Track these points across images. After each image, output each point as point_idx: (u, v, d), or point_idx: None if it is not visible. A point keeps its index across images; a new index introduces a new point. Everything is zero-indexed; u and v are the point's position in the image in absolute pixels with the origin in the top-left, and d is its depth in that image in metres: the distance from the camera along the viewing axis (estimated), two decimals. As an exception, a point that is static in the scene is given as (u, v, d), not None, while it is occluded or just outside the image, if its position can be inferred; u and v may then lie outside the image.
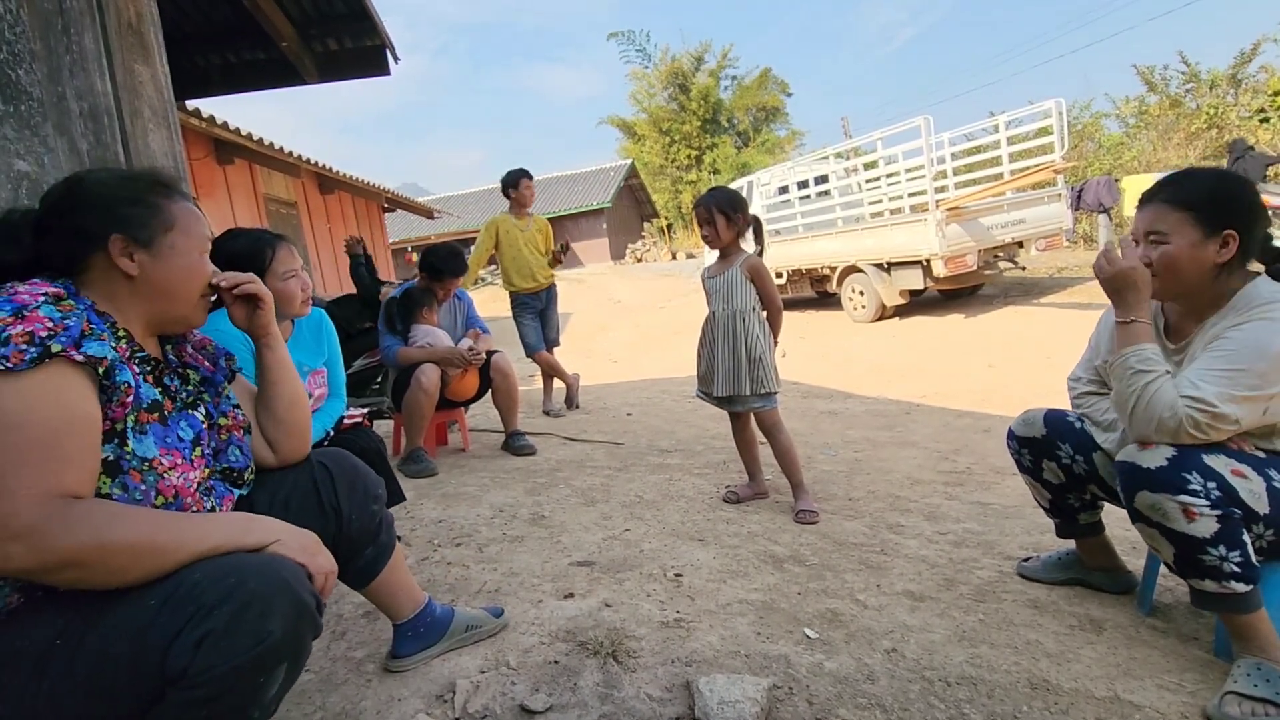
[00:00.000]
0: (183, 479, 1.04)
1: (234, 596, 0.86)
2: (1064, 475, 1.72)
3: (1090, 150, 15.44)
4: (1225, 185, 1.45)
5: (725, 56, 27.07)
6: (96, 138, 2.35)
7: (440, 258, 3.50)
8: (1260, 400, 1.31)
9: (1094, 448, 1.66)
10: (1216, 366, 1.34)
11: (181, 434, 1.08)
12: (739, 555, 2.10)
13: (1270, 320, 1.33)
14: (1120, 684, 1.39)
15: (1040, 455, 1.75)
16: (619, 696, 1.38)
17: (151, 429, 1.02)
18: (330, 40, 4.56)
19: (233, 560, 0.92)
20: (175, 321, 1.14)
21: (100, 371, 0.94)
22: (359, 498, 1.33)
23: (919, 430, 3.96)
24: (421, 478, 3.15)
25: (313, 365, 1.93)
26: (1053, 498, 1.79)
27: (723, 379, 2.56)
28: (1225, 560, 1.31)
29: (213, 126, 6.75)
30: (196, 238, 1.13)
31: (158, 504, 0.99)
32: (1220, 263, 1.40)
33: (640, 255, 23.42)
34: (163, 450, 1.02)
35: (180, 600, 0.86)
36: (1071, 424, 1.71)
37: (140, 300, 1.08)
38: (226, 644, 0.84)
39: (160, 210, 1.08)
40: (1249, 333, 1.34)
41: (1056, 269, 10.03)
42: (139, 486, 0.97)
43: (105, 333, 0.98)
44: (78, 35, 2.25)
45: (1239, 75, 13.88)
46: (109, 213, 1.04)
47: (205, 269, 1.15)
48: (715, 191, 2.62)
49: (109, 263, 1.04)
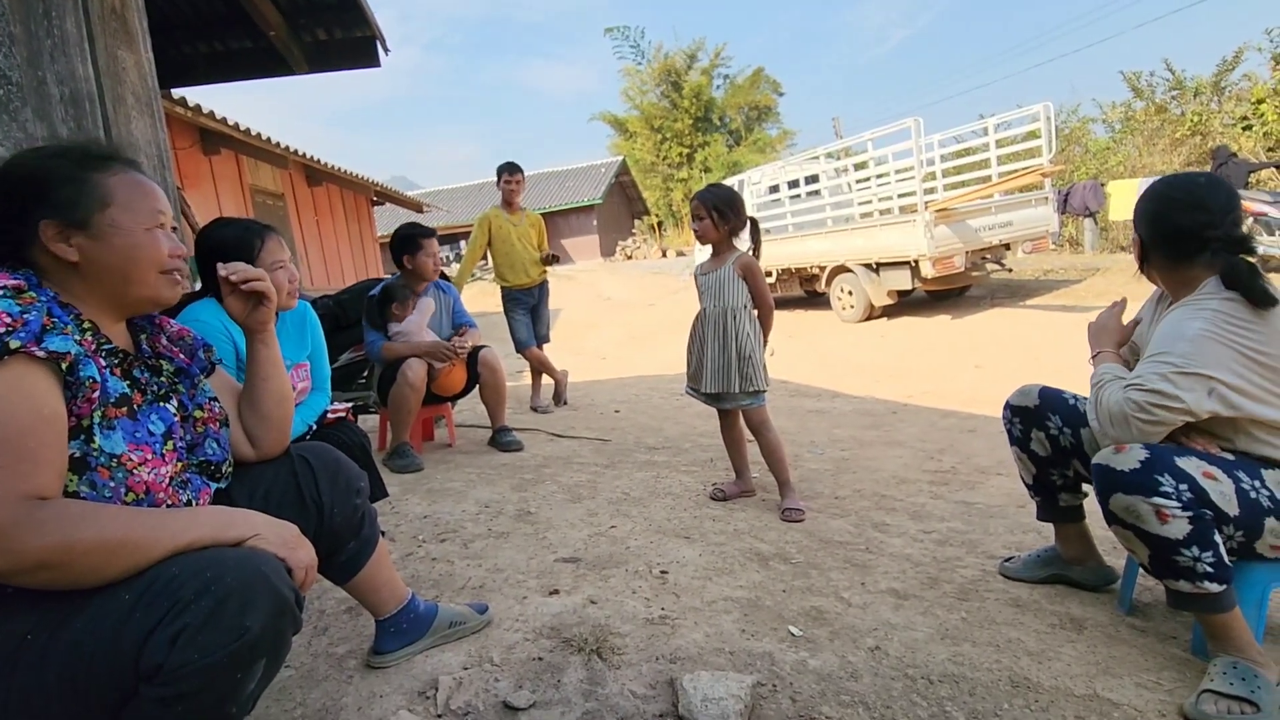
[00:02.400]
0: (153, 474, 1.00)
1: (211, 591, 0.84)
2: (1050, 447, 1.77)
3: (1077, 154, 15.60)
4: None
5: (718, 55, 27.10)
6: (78, 124, 2.31)
7: (400, 234, 3.43)
8: (1194, 378, 1.36)
9: (1083, 423, 1.71)
10: (1148, 353, 1.47)
11: (152, 428, 1.04)
12: (725, 552, 2.11)
13: (1189, 306, 1.45)
14: (1100, 682, 1.40)
15: (1030, 425, 1.80)
16: (603, 693, 1.38)
17: (120, 424, 0.99)
18: (319, 30, 4.51)
19: (211, 555, 0.90)
20: (138, 304, 1.08)
21: (64, 367, 0.91)
22: (340, 491, 1.31)
23: (905, 430, 3.98)
24: (407, 473, 3.13)
25: (296, 359, 1.91)
26: (1037, 472, 1.83)
27: (712, 376, 2.56)
28: (1199, 561, 1.33)
29: (199, 116, 6.67)
30: (142, 212, 1.04)
31: (128, 500, 0.96)
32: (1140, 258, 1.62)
33: (630, 252, 23.41)
34: (131, 446, 0.99)
35: (156, 595, 0.84)
36: (1065, 399, 1.77)
37: (93, 287, 1.02)
38: (203, 640, 0.82)
39: (92, 186, 1.00)
40: (1171, 318, 1.48)
41: (1043, 271, 10.13)
42: (107, 483, 0.95)
43: (69, 326, 0.95)
44: (59, 19, 2.21)
45: (1222, 83, 14.07)
46: (34, 197, 0.97)
47: (156, 245, 1.05)
48: (713, 189, 2.63)
49: (48, 251, 0.98)
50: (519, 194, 4.67)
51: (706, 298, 2.61)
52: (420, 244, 3.39)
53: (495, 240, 4.66)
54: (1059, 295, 8.51)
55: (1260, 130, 12.47)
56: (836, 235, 9.01)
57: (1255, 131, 12.57)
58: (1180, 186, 1.55)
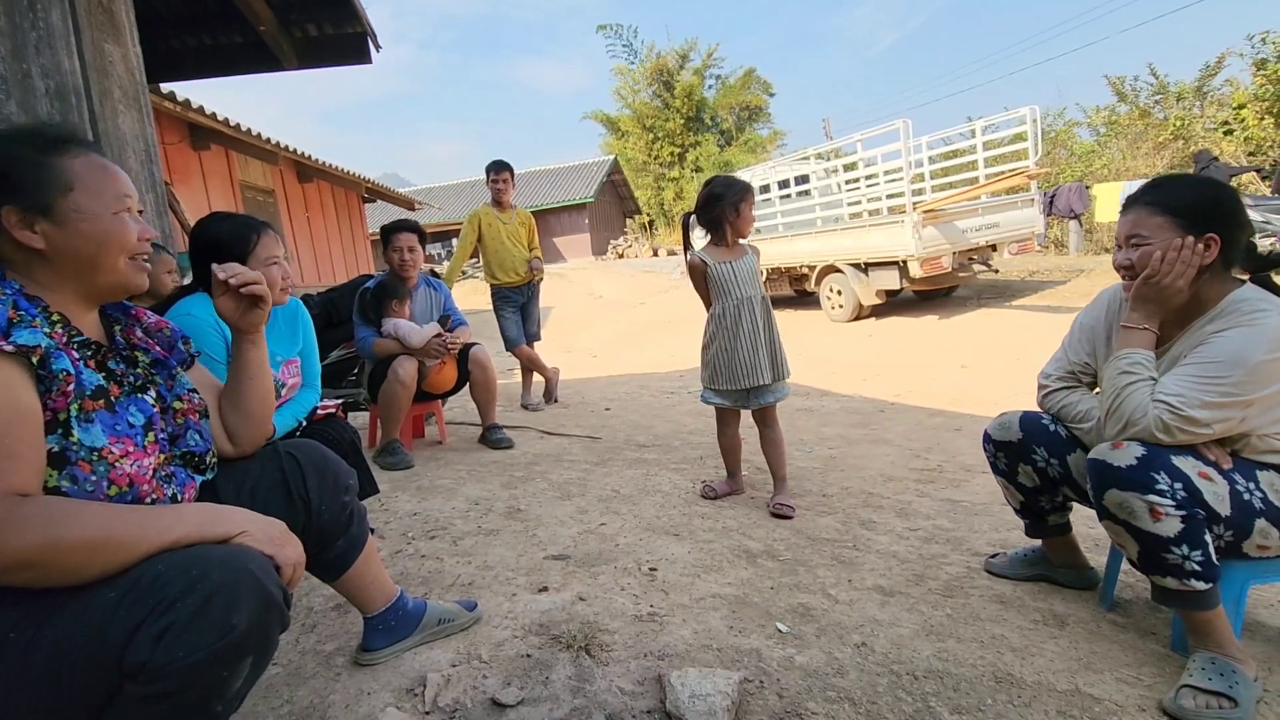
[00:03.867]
0: (136, 466, 0.99)
1: (197, 589, 0.83)
2: (1038, 479, 1.75)
3: (1063, 157, 15.76)
4: (1206, 190, 1.46)
5: (711, 55, 27.19)
6: (63, 118, 2.29)
7: (381, 230, 3.50)
8: (1234, 407, 1.33)
9: (1068, 450, 1.69)
10: (1194, 372, 1.36)
11: (131, 419, 1.02)
12: (713, 550, 2.12)
13: (1252, 328, 1.33)
14: (1081, 677, 1.43)
15: (1016, 459, 1.77)
16: (591, 690, 1.39)
17: (98, 416, 0.97)
18: (310, 26, 4.48)
19: (196, 552, 0.89)
20: (108, 290, 1.06)
21: (35, 360, 0.89)
22: (329, 488, 1.30)
23: (893, 428, 4.01)
24: (397, 470, 3.12)
25: (286, 355, 1.91)
26: (1025, 499, 1.81)
27: (769, 364, 2.49)
28: (1187, 559, 1.34)
29: (188, 111, 6.61)
30: (107, 196, 1.01)
31: (111, 494, 0.95)
32: (1201, 265, 1.41)
33: (622, 251, 23.39)
34: (112, 438, 0.97)
35: (141, 593, 0.84)
36: (1046, 427, 1.72)
37: (60, 275, 1.00)
38: (188, 638, 0.82)
39: (52, 170, 0.97)
40: (1231, 339, 1.35)
41: (1029, 272, 10.21)
42: (89, 477, 0.93)
43: (37, 318, 0.93)
44: (44, 12, 2.19)
45: (1204, 88, 14.28)
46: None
47: (124, 229, 1.02)
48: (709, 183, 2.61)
49: (12, 239, 0.95)
50: (507, 192, 4.66)
51: (741, 287, 2.49)
52: (389, 238, 3.42)
53: (485, 238, 4.65)
54: (1044, 296, 8.60)
55: (1241, 135, 12.64)
56: (826, 235, 9.05)
57: (1236, 136, 12.74)
58: (1224, 185, 1.48)
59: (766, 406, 2.56)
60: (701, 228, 2.60)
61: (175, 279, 2.56)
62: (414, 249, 3.42)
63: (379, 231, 3.53)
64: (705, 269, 2.53)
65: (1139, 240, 1.46)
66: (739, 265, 2.52)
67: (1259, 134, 12.35)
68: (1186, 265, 1.40)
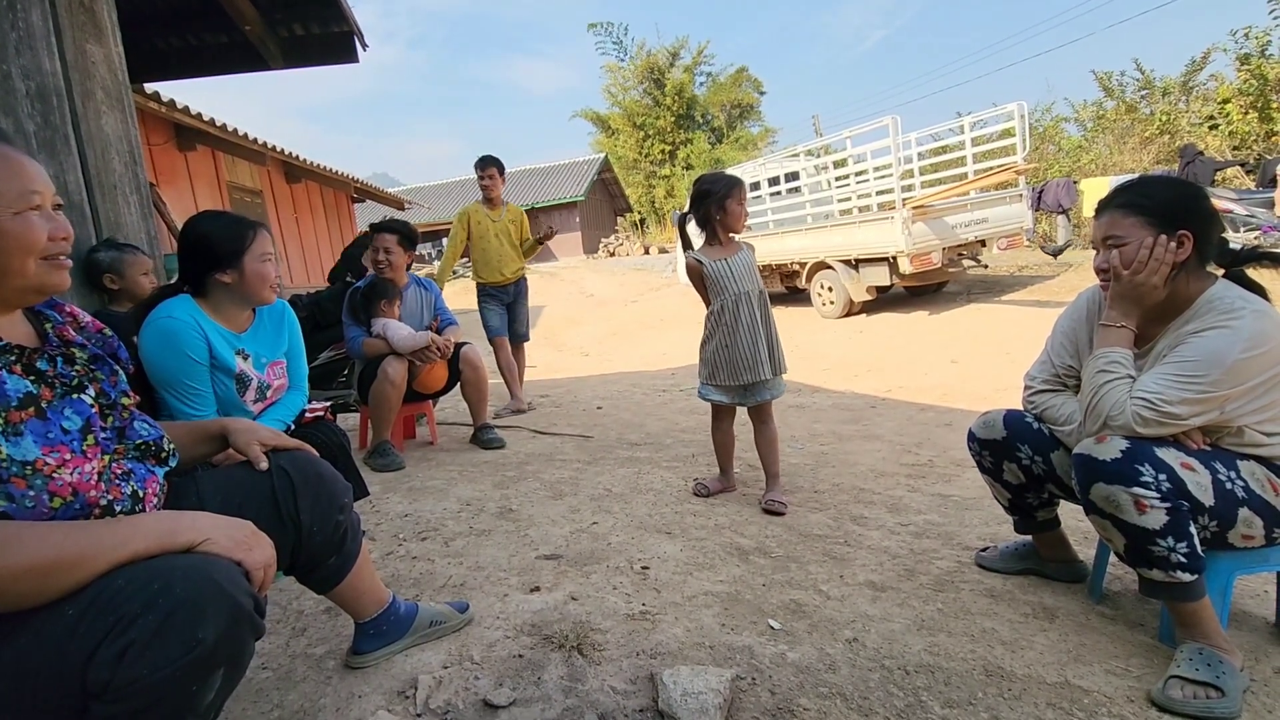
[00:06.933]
0: (77, 474, 0.93)
1: (158, 605, 0.80)
2: (1024, 476, 1.77)
3: (1051, 153, 15.86)
4: (1176, 189, 1.50)
5: (701, 53, 27.16)
6: (45, 119, 2.26)
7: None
8: (1212, 402, 1.37)
9: (1052, 448, 1.70)
10: (1173, 371, 1.39)
11: (66, 424, 0.96)
12: (705, 548, 2.12)
13: (1229, 329, 1.37)
14: (1070, 669, 1.44)
15: (1001, 457, 1.79)
16: (583, 689, 1.39)
17: (28, 427, 0.91)
18: (295, 25, 4.45)
19: (158, 564, 0.85)
20: (19, 295, 0.99)
21: None
22: (323, 508, 1.26)
23: (883, 424, 4.03)
24: (388, 471, 3.11)
25: (272, 357, 1.89)
26: (1012, 497, 1.83)
27: (768, 358, 2.51)
28: (1173, 551, 1.36)
29: (173, 111, 6.54)
30: (9, 194, 0.93)
31: (55, 506, 0.90)
32: (1176, 262, 1.45)
33: (613, 249, 23.36)
34: (45, 449, 0.91)
35: (100, 610, 0.80)
36: (1030, 425, 1.74)
37: None
38: (152, 655, 0.78)
39: None
40: (1210, 340, 1.38)
41: (1017, 267, 10.27)
42: (26, 494, 0.88)
43: None
44: (24, 11, 2.16)
45: (1190, 83, 14.39)
46: None
47: (29, 231, 0.94)
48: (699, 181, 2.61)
49: None
50: (496, 189, 4.64)
51: (740, 282, 2.50)
52: (370, 241, 3.42)
53: (473, 236, 4.64)
54: (1033, 291, 8.65)
55: (1226, 129, 12.77)
56: (816, 232, 9.07)
57: (1221, 131, 12.87)
58: (1192, 184, 1.54)
59: (763, 403, 2.57)
60: (696, 225, 2.60)
61: (153, 280, 2.53)
62: (390, 249, 3.37)
63: (369, 230, 3.52)
64: (701, 268, 2.54)
65: (1115, 241, 1.49)
66: (734, 261, 2.53)
67: (1243, 128, 12.48)
68: (1160, 263, 1.44)
